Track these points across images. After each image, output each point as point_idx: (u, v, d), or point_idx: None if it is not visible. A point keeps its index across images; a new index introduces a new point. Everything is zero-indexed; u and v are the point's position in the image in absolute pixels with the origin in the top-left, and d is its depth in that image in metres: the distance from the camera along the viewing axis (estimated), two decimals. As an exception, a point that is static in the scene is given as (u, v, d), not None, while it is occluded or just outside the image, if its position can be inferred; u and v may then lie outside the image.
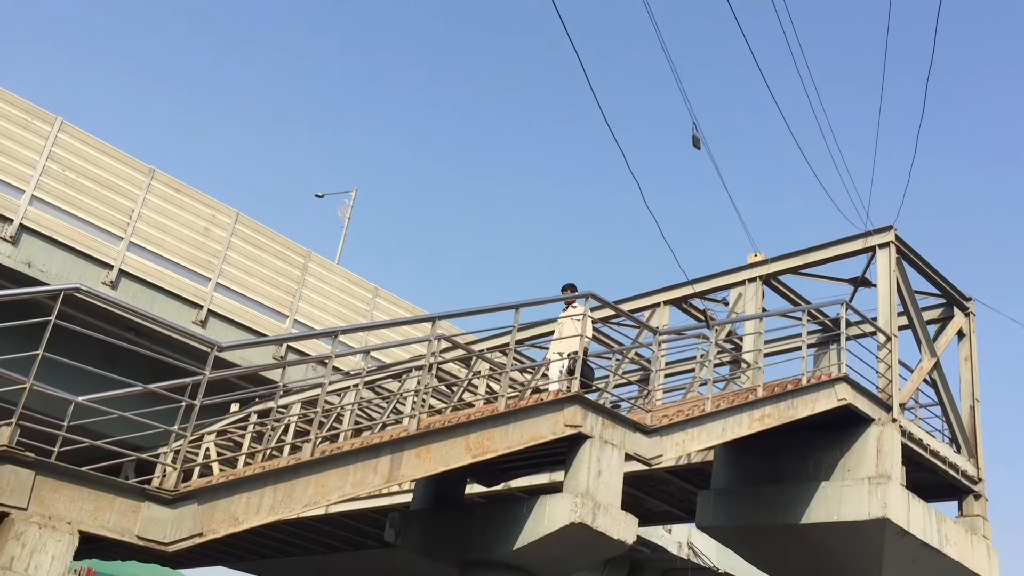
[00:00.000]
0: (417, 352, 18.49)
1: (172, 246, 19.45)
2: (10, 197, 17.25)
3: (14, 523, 6.28)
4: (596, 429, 9.62)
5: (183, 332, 8.89)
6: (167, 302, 19.06)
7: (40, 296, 7.99)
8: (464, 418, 9.31)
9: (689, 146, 13.97)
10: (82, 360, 7.40)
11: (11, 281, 16.87)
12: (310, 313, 21.64)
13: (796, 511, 11.75)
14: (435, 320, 9.71)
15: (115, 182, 18.84)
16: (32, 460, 6.52)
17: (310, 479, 7.90)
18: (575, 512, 9.09)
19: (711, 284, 14.19)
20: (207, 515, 7.27)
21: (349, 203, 33.24)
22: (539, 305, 10.67)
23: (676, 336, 12.45)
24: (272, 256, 21.31)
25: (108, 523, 6.76)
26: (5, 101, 17.66)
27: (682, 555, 25.13)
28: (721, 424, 10.70)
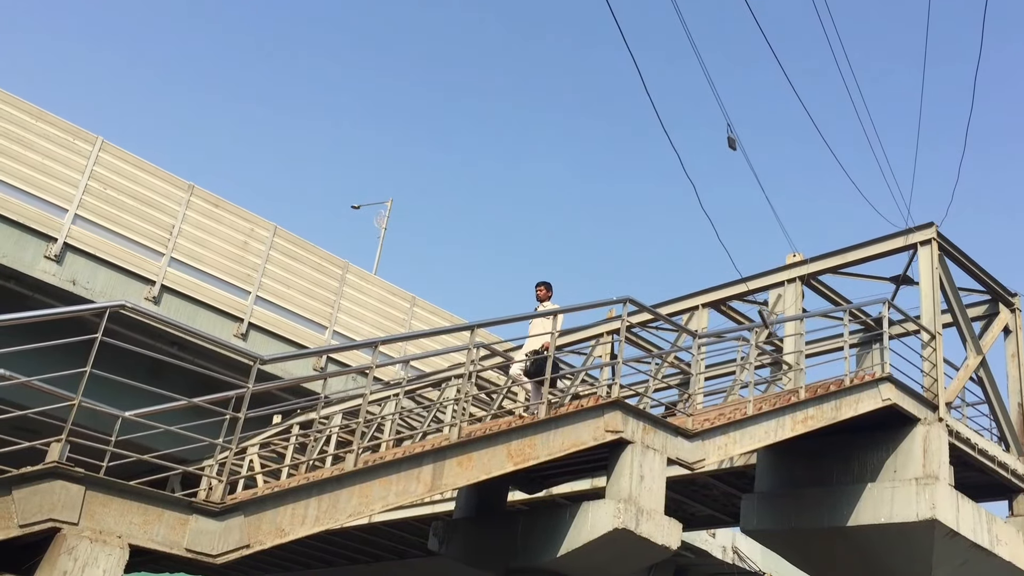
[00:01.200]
0: (456, 360, 18.55)
1: (212, 260, 19.69)
2: (54, 216, 17.58)
3: (66, 538, 6.39)
4: (637, 434, 9.59)
5: (227, 346, 9.00)
6: (208, 316, 19.31)
7: (86, 314, 8.13)
8: (505, 426, 9.33)
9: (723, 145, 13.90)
10: (127, 375, 7.52)
11: (56, 299, 17.18)
12: (349, 324, 21.80)
13: (842, 513, 11.61)
14: (473, 328, 9.74)
15: (155, 199, 19.14)
16: (82, 475, 6.64)
17: (354, 489, 7.95)
18: (618, 518, 9.06)
19: (750, 286, 14.09)
20: (253, 527, 7.35)
21: (385, 213, 33.48)
22: (577, 311, 10.68)
23: (716, 339, 12.38)
24: (310, 268, 21.50)
25: (157, 536, 6.86)
26: (47, 122, 18.00)
27: (727, 559, 24.92)
28: (764, 427, 10.62)
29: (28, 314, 7.66)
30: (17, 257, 17.02)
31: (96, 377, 7.02)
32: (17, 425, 7.32)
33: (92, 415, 7.19)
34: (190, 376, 14.68)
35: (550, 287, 11.78)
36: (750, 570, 25.64)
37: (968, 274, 13.37)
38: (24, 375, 7.51)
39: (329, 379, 20.14)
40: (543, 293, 11.77)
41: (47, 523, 6.40)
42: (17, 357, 7.76)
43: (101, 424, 7.95)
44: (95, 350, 7.03)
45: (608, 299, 11.07)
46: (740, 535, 24.17)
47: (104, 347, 7.08)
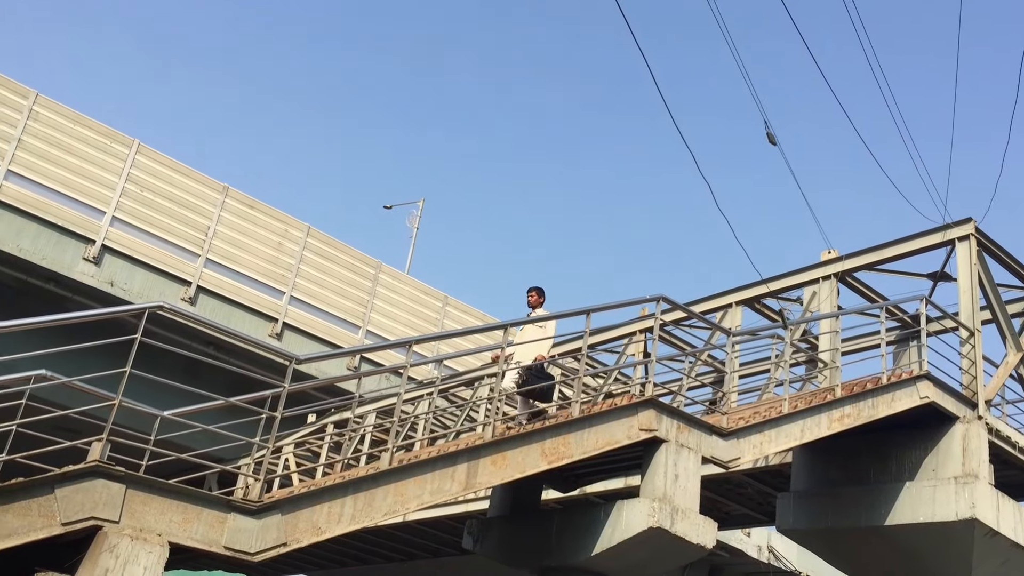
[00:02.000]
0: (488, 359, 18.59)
1: (247, 261, 19.88)
2: (92, 219, 17.83)
3: (107, 536, 6.49)
4: (672, 433, 9.56)
5: (263, 346, 9.09)
6: (244, 316, 19.49)
7: (124, 315, 8.25)
8: (538, 424, 9.33)
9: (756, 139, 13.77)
10: (164, 375, 7.61)
11: (95, 300, 17.42)
12: (382, 323, 21.91)
13: (880, 513, 11.50)
14: (507, 328, 9.76)
15: (191, 200, 19.35)
16: (123, 474, 6.74)
17: (389, 488, 8.00)
18: (653, 517, 9.04)
19: (784, 283, 13.97)
20: (290, 525, 7.41)
21: (417, 213, 33.60)
22: (610, 309, 10.65)
23: (750, 337, 12.29)
24: (343, 268, 21.64)
25: (196, 534, 6.95)
26: (84, 125, 18.27)
27: (762, 559, 24.75)
28: (799, 425, 10.54)
29: (69, 315, 7.79)
30: (56, 259, 17.29)
31: (135, 377, 7.12)
32: (57, 425, 7.42)
33: (131, 415, 7.29)
34: (226, 376, 14.78)
35: (542, 293, 11.32)
36: (786, 570, 25.44)
37: (1007, 270, 13.16)
38: (64, 375, 7.65)
39: (363, 378, 20.25)
40: (535, 299, 11.25)
41: (89, 521, 6.50)
42: (57, 358, 7.89)
43: (139, 423, 8.05)
44: (134, 350, 7.12)
45: (641, 297, 11.03)
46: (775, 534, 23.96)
47: (142, 347, 7.18)
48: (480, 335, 21.40)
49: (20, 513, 6.27)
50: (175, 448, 8.09)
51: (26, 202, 17.12)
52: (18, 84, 17.60)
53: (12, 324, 7.23)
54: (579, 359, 10.38)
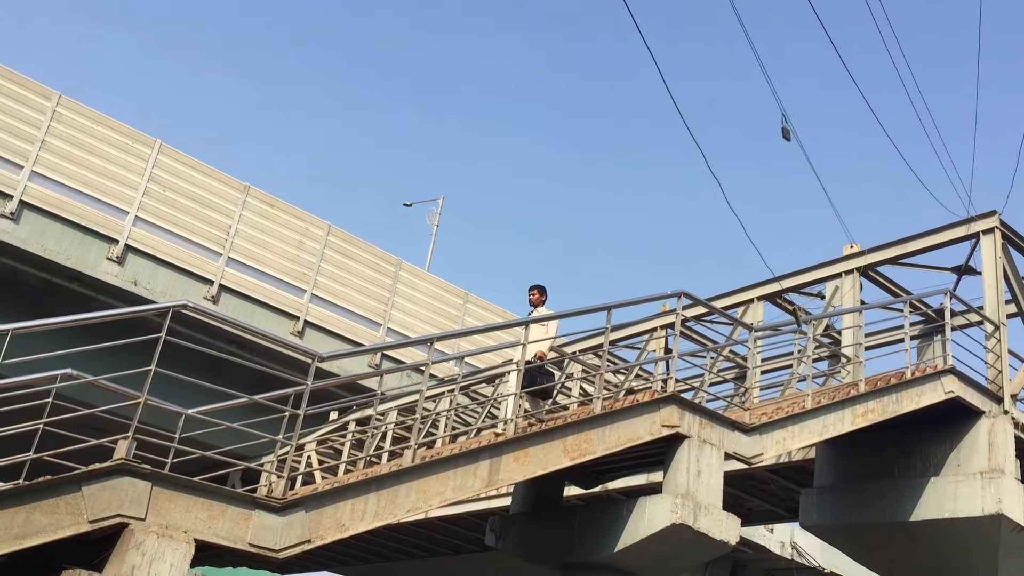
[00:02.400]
0: (510, 356, 18.60)
1: (268, 260, 19.98)
2: (115, 219, 17.98)
3: (134, 533, 6.54)
4: (694, 429, 9.52)
5: (286, 344, 9.13)
6: (266, 315, 19.60)
7: (149, 314, 8.31)
8: (560, 421, 9.33)
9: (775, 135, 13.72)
10: (187, 374, 7.66)
11: (118, 299, 17.56)
12: (402, 321, 21.97)
13: (904, 508, 11.42)
14: (528, 324, 9.75)
15: (212, 200, 19.47)
16: (149, 472, 6.79)
17: (412, 485, 8.02)
18: (676, 513, 9.01)
19: (806, 278, 13.89)
20: (314, 522, 7.45)
21: (437, 210, 33.64)
22: (631, 306, 10.62)
23: (772, 332, 12.23)
24: (364, 266, 21.70)
25: (221, 531, 6.99)
26: (107, 126, 18.41)
27: (785, 555, 24.61)
28: (822, 421, 10.48)
29: (94, 315, 7.85)
30: (80, 259, 17.44)
31: (159, 376, 7.17)
32: (83, 423, 7.50)
33: (155, 413, 7.34)
34: (248, 374, 14.94)
35: (544, 291, 11.22)
36: (809, 566, 25.31)
37: (1033, 263, 13.03)
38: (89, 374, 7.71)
39: (385, 376, 20.31)
40: (536, 297, 11.14)
41: (115, 519, 6.56)
42: (82, 357, 7.95)
43: (163, 422, 8.11)
44: (159, 349, 7.17)
45: (663, 293, 10.99)
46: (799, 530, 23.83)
47: (166, 346, 7.22)
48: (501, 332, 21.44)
49: (48, 511, 6.33)
50: (199, 446, 8.16)
51: (50, 203, 17.27)
52: (41, 85, 17.76)
53: (38, 324, 7.30)
54: (600, 355, 10.36)
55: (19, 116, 17.28)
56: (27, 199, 16.99)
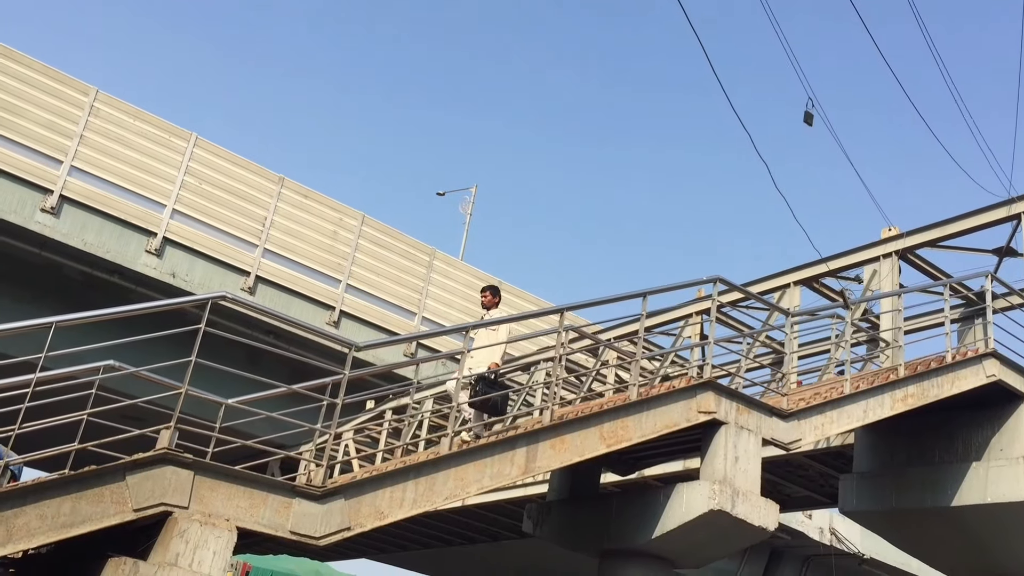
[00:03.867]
0: (544, 344, 18.59)
1: (304, 250, 20.12)
2: (153, 212, 18.19)
3: (177, 521, 6.64)
4: (731, 415, 9.49)
5: (324, 334, 9.22)
6: (302, 305, 19.74)
7: (188, 305, 8.41)
8: (596, 408, 9.33)
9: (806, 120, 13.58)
10: (225, 364, 7.74)
11: (157, 291, 17.77)
12: (437, 309, 22.03)
13: (945, 493, 11.30)
14: (563, 312, 9.75)
15: (248, 192, 19.62)
16: (191, 461, 6.89)
17: (449, 472, 8.07)
18: (713, 499, 8.99)
19: (843, 262, 13.76)
20: (354, 509, 7.52)
21: (470, 199, 33.68)
22: (666, 292, 10.58)
23: (809, 317, 12.13)
24: (398, 255, 21.78)
25: (263, 519, 7.08)
26: (144, 120, 18.60)
27: (824, 541, 24.47)
28: (862, 406, 10.40)
29: (135, 307, 7.95)
30: (120, 252, 17.67)
31: (197, 366, 7.26)
32: (124, 414, 7.60)
33: (195, 403, 7.44)
34: (285, 363, 15.05)
35: (497, 292, 10.80)
36: (849, 552, 25.14)
37: (1076, 243, 12.81)
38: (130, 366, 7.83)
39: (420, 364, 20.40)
40: (488, 299, 10.67)
41: (159, 507, 6.66)
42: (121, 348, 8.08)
43: (203, 411, 8.21)
44: (199, 340, 7.26)
45: (698, 279, 10.95)
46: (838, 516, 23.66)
47: (204, 337, 7.31)
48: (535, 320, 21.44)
49: (93, 500, 6.44)
50: (239, 435, 8.25)
51: (89, 197, 17.50)
52: (79, 81, 17.97)
53: (81, 317, 7.42)
54: (636, 342, 10.33)
55: (58, 112, 17.52)
56: (67, 194, 17.23)
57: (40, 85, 17.46)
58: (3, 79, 17.04)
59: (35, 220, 16.86)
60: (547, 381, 12.83)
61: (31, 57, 17.53)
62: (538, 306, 23.20)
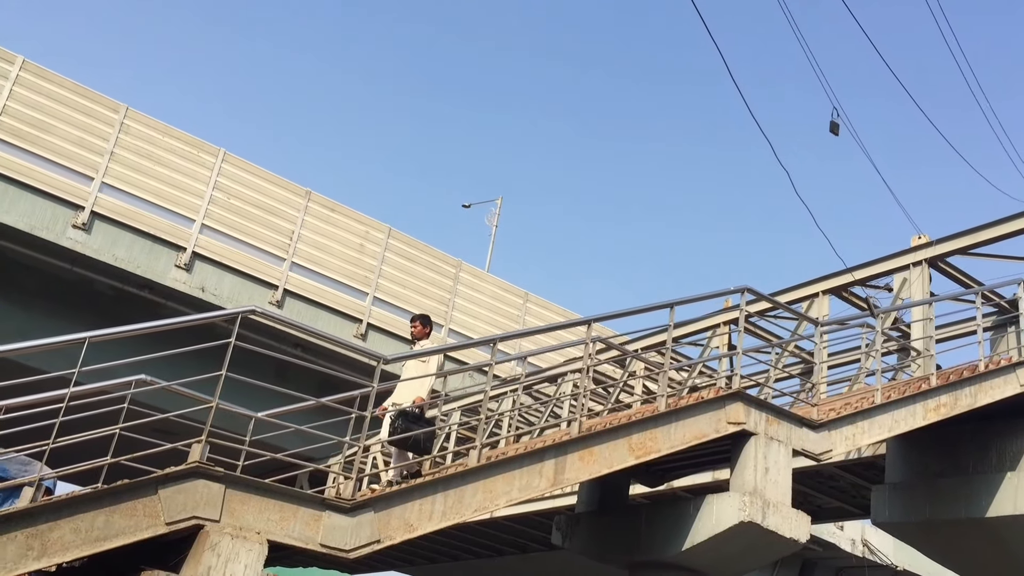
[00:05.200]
0: (571, 355, 18.56)
1: (331, 264, 20.25)
2: (182, 227, 18.39)
3: (209, 534, 6.68)
4: (760, 425, 9.42)
5: (352, 347, 9.25)
6: (329, 318, 19.86)
7: (218, 320, 8.48)
8: (625, 419, 9.29)
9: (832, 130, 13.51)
10: (254, 377, 7.79)
11: (187, 305, 17.95)
12: (463, 321, 22.08)
13: (980, 504, 11.15)
14: (590, 323, 9.73)
15: (275, 206, 19.79)
16: (222, 474, 6.92)
17: (478, 485, 8.06)
18: (744, 511, 8.93)
19: (873, 270, 13.64)
20: (383, 522, 7.52)
21: (495, 211, 33.76)
22: (694, 303, 10.55)
23: (839, 326, 12.03)
24: (424, 268, 21.86)
25: (293, 532, 7.10)
26: (173, 137, 18.83)
27: (856, 552, 24.21)
28: (892, 416, 10.30)
29: (166, 322, 8.02)
30: (150, 267, 17.88)
31: (227, 379, 7.31)
32: (155, 428, 7.66)
33: (224, 416, 7.49)
34: (313, 376, 15.11)
35: (428, 322, 10.35)
36: (882, 563, 24.84)
37: (1111, 250, 12.63)
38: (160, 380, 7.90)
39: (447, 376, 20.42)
40: (419, 330, 10.19)
41: (191, 520, 6.70)
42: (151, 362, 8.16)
43: (232, 425, 8.26)
44: (229, 354, 7.31)
45: (725, 289, 10.90)
46: (870, 527, 23.42)
47: (233, 351, 7.37)
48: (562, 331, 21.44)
49: (127, 513, 6.49)
50: (268, 448, 8.29)
51: (120, 213, 17.73)
52: (109, 99, 18.23)
53: (113, 332, 7.48)
54: (663, 353, 10.29)
55: (89, 129, 17.77)
56: (98, 210, 17.46)
57: (71, 103, 17.74)
58: (36, 97, 17.32)
59: (67, 236, 17.11)
60: (574, 392, 12.80)
61: (62, 76, 17.81)
62: (564, 317, 23.20)
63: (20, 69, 17.24)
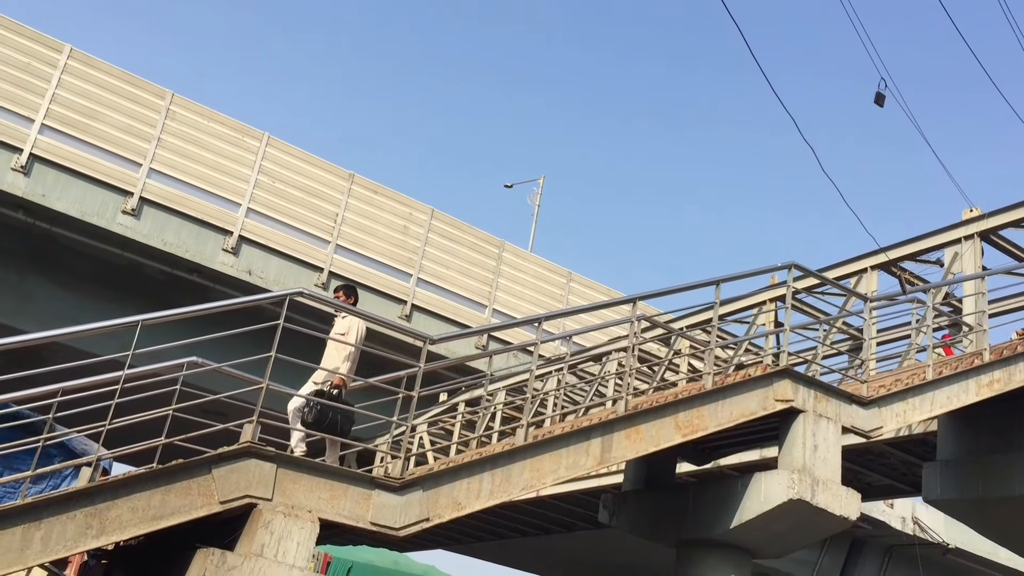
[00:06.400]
0: (615, 334, 18.51)
1: (374, 246, 20.35)
2: (229, 211, 18.59)
3: (262, 513, 6.80)
4: (809, 403, 9.34)
5: (399, 328, 9.33)
6: (374, 299, 19.97)
7: (266, 302, 8.59)
8: (671, 397, 9.27)
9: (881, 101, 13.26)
10: (301, 358, 7.88)
11: (234, 288, 18.16)
12: (507, 301, 22.08)
13: (1035, 481, 10.97)
14: (635, 301, 9.69)
15: (319, 189, 19.92)
16: (273, 454, 7.04)
17: (525, 463, 8.09)
18: (792, 488, 8.87)
19: (923, 244, 13.37)
20: (432, 501, 7.59)
21: (538, 191, 33.69)
22: (740, 279, 10.45)
23: (888, 302, 11.85)
24: (467, 248, 21.89)
25: (344, 511, 7.20)
26: (217, 122, 19.01)
27: (907, 530, 23.93)
28: (945, 392, 10.15)
29: (216, 304, 8.15)
30: (198, 251, 18.11)
31: (275, 361, 7.40)
32: (204, 408, 7.79)
33: (273, 397, 7.59)
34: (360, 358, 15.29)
35: (352, 292, 9.48)
36: (933, 541, 24.54)
37: None
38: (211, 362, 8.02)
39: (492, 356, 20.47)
40: (342, 300, 9.28)
41: (244, 499, 6.82)
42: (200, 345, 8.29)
43: (280, 405, 8.37)
44: (278, 335, 7.40)
45: (772, 265, 10.78)
46: (921, 505, 23.12)
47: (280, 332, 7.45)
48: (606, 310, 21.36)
49: (181, 493, 6.63)
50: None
51: (167, 198, 17.97)
52: (155, 85, 18.44)
53: (165, 315, 7.62)
54: (709, 331, 10.23)
55: (136, 116, 18.00)
56: (146, 195, 17.71)
57: (118, 90, 17.97)
58: (84, 86, 17.57)
59: (117, 222, 17.38)
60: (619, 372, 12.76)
61: (110, 64, 18.05)
62: (608, 296, 23.11)
63: (68, 58, 17.50)
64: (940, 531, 24.65)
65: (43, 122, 16.99)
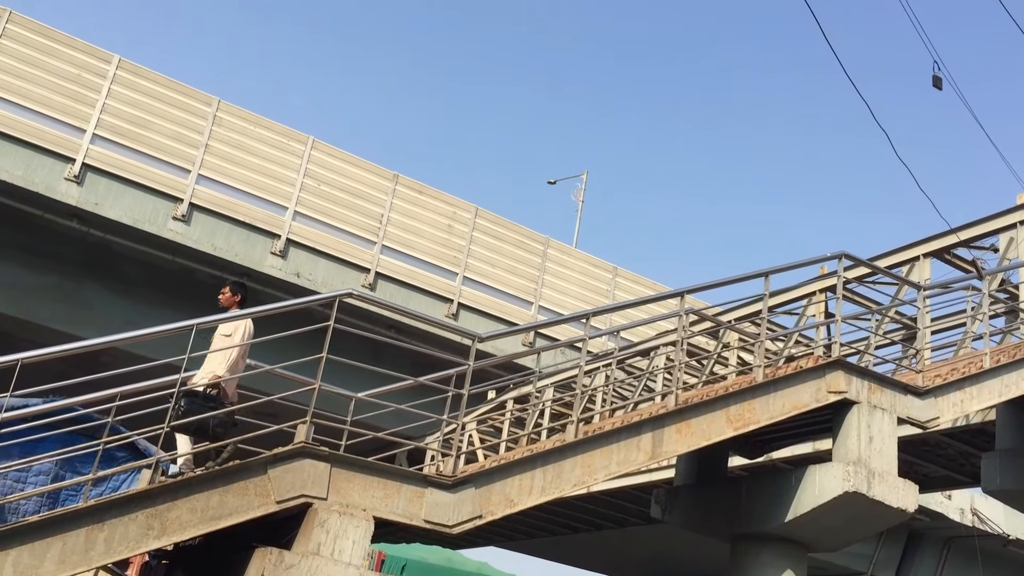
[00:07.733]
0: (662, 328, 18.40)
1: (420, 245, 20.46)
2: (276, 215, 18.82)
3: (317, 512, 6.88)
4: (863, 394, 9.22)
5: (447, 326, 9.39)
6: (420, 299, 20.09)
7: (316, 304, 8.68)
8: (722, 391, 9.20)
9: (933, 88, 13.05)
10: (350, 359, 7.95)
11: (283, 291, 18.36)
12: (553, 298, 22.07)
13: (1097, 470, 10.70)
14: (683, 295, 9.64)
15: (364, 190, 20.08)
16: (327, 454, 7.12)
17: (576, 459, 8.09)
18: (848, 481, 8.77)
19: (977, 231, 13.10)
20: (484, 498, 7.63)
21: (581, 187, 33.62)
22: (789, 270, 10.34)
23: (942, 290, 11.63)
24: (512, 246, 21.91)
25: (397, 509, 7.26)
26: (263, 127, 19.25)
27: (966, 522, 23.52)
28: (1003, 380, 9.97)
29: (268, 307, 8.27)
30: (247, 255, 18.36)
31: (326, 362, 7.48)
32: (257, 410, 7.90)
33: (324, 397, 7.67)
34: (407, 357, 15.38)
35: (240, 289, 8.86)
36: (992, 532, 24.09)
37: None
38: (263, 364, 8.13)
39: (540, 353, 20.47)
40: (227, 298, 8.67)
41: (300, 499, 6.91)
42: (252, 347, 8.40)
43: (333, 406, 8.45)
44: (329, 337, 7.48)
45: (822, 255, 10.64)
46: (979, 496, 22.72)
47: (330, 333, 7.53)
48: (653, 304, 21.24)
49: (239, 493, 6.73)
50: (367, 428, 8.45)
51: (216, 203, 18.24)
52: (201, 92, 18.72)
53: (219, 318, 7.75)
54: (759, 323, 10.13)
55: (184, 123, 18.30)
56: (196, 201, 17.99)
57: (166, 98, 18.28)
58: (133, 95, 17.90)
59: (168, 228, 17.69)
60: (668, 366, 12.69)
61: (156, 72, 18.36)
62: (654, 290, 23.00)
63: (117, 68, 17.83)
64: (1000, 522, 24.20)
65: (94, 132, 17.35)
